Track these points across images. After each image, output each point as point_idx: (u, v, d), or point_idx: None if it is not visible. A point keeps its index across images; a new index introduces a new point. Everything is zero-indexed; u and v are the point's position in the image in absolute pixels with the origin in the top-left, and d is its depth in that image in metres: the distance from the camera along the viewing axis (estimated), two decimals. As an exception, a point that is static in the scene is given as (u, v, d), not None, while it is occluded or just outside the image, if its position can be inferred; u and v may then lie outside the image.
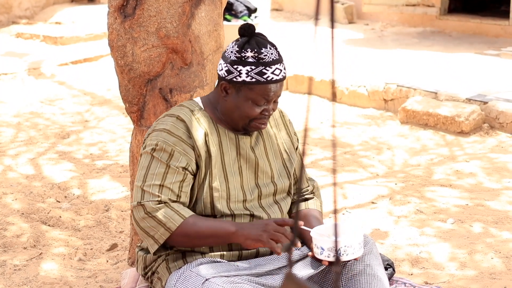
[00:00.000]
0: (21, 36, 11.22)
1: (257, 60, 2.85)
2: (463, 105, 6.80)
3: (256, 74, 2.85)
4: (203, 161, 2.89)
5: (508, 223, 4.65)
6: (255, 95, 2.87)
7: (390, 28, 11.19)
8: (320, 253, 2.85)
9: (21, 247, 4.27)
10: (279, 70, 2.88)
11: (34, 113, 7.40)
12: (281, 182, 3.06)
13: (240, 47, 2.87)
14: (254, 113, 2.90)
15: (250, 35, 2.90)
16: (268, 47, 2.88)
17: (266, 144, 3.08)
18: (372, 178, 5.55)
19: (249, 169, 3.01)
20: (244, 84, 2.86)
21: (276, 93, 2.91)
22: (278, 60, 2.89)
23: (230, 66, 2.88)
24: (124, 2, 3.59)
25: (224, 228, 2.80)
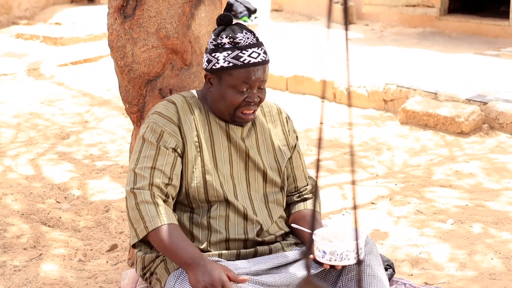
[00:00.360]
0: (21, 36, 11.23)
1: (233, 45, 2.89)
2: (463, 105, 6.80)
3: (232, 58, 2.88)
4: (192, 143, 2.91)
5: (508, 224, 4.65)
6: (235, 80, 2.89)
7: (390, 28, 11.19)
8: (321, 257, 2.85)
9: (21, 248, 4.27)
10: (256, 54, 2.90)
11: (34, 114, 7.40)
12: (271, 175, 3.07)
13: (216, 35, 2.94)
14: (237, 100, 2.91)
15: (226, 23, 2.95)
16: (244, 32, 2.93)
17: (259, 137, 3.09)
18: (372, 179, 5.55)
19: (239, 158, 3.01)
20: (223, 71, 2.89)
21: (258, 78, 2.91)
22: (255, 44, 2.91)
23: (209, 55, 2.94)
24: (124, 3, 3.59)
25: (185, 255, 2.73)
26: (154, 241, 2.81)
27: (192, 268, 2.70)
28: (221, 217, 2.98)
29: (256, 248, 2.99)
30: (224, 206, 2.97)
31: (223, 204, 2.96)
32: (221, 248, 2.96)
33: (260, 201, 3.05)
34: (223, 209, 2.97)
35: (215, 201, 2.95)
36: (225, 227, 2.98)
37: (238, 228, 2.98)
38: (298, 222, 3.11)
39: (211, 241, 2.96)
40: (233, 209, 2.97)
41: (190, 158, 2.92)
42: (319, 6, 12.22)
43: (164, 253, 2.81)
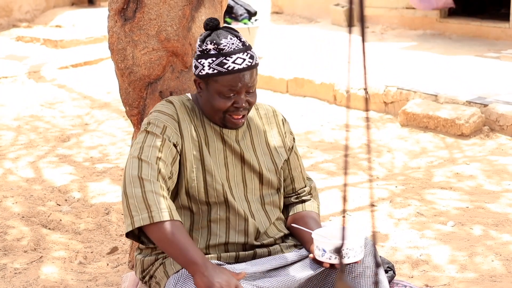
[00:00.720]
0: (21, 39, 11.24)
1: (217, 52, 2.88)
2: (463, 107, 6.80)
3: (216, 65, 2.87)
4: (191, 143, 2.91)
5: (508, 226, 4.65)
6: (221, 86, 2.88)
7: (390, 30, 11.19)
8: (321, 255, 2.85)
9: (22, 250, 4.27)
10: (241, 59, 2.87)
11: (34, 116, 7.40)
12: (268, 175, 3.06)
13: (202, 41, 2.93)
14: (224, 105, 2.90)
15: (212, 29, 2.94)
16: (229, 38, 2.89)
17: (254, 139, 3.08)
18: (372, 181, 5.55)
19: (235, 161, 3.01)
20: (209, 77, 2.89)
21: (245, 84, 2.89)
22: (240, 50, 2.88)
23: (195, 61, 2.94)
24: (124, 5, 3.59)
25: (194, 255, 2.65)
26: (157, 234, 2.68)
27: (201, 269, 2.61)
28: (221, 221, 2.97)
29: (255, 251, 2.99)
30: (224, 209, 2.96)
31: (223, 207, 2.96)
32: (220, 251, 2.96)
33: (257, 203, 3.05)
34: (224, 211, 2.96)
35: (215, 202, 2.94)
36: (225, 230, 2.97)
37: (238, 232, 2.98)
38: (296, 223, 3.11)
39: (210, 245, 2.95)
40: (234, 211, 2.97)
41: (188, 157, 2.91)
42: (319, 8, 12.23)
43: (167, 249, 2.68)
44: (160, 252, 2.98)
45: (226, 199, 2.95)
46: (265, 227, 3.03)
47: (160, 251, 2.98)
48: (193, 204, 2.95)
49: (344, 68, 8.46)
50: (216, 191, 2.93)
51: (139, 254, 3.07)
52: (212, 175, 2.93)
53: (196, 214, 2.95)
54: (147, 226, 2.68)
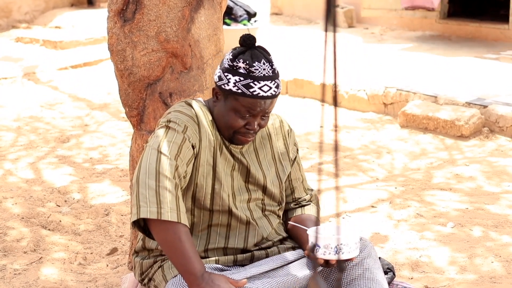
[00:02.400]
0: (20, 40, 11.23)
1: (247, 73, 2.83)
2: (463, 109, 6.80)
3: (243, 86, 2.83)
4: (207, 148, 2.88)
5: (508, 227, 4.65)
6: (240, 106, 2.85)
7: (389, 32, 11.20)
8: (316, 251, 2.85)
9: (21, 251, 4.27)
10: (268, 87, 2.85)
11: (34, 117, 7.40)
12: (271, 189, 3.06)
13: (234, 56, 2.87)
14: (238, 124, 2.88)
15: (248, 46, 2.90)
16: (262, 62, 2.85)
17: (259, 152, 3.07)
18: (372, 182, 5.55)
19: (240, 173, 3.00)
20: (230, 93, 2.85)
21: (264, 110, 2.87)
22: (269, 77, 2.85)
23: (222, 73, 2.89)
24: (123, 7, 3.59)
25: (194, 265, 2.64)
26: (163, 234, 2.65)
27: (198, 281, 2.61)
28: (222, 226, 2.97)
29: (253, 253, 2.98)
30: (226, 216, 2.95)
31: (225, 215, 2.95)
32: (219, 254, 2.96)
33: (259, 210, 3.05)
34: (225, 218, 2.96)
35: (218, 210, 2.93)
36: (225, 235, 2.97)
37: (238, 237, 2.98)
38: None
39: (209, 248, 2.95)
40: (236, 219, 2.96)
41: (202, 162, 2.88)
42: (319, 10, 12.23)
43: (169, 252, 2.66)
44: (158, 254, 2.97)
45: (229, 209, 2.94)
46: (268, 232, 3.04)
47: (158, 254, 2.97)
48: (196, 209, 2.93)
49: (343, 69, 8.46)
50: (222, 199, 2.92)
51: (137, 256, 3.07)
52: (221, 183, 2.91)
53: (196, 218, 2.95)
54: (153, 221, 2.65)
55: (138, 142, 3.74)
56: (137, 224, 2.75)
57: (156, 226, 2.66)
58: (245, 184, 3.01)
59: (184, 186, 2.83)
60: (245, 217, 2.97)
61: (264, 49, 2.94)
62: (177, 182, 2.71)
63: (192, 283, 2.63)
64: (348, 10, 11.66)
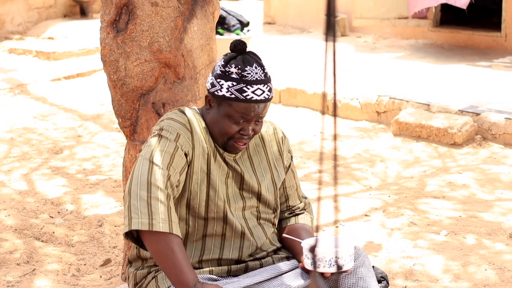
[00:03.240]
0: (13, 51, 11.23)
1: (239, 77, 2.84)
2: (456, 116, 6.82)
3: (236, 91, 2.84)
4: (200, 155, 2.88)
5: (501, 235, 4.65)
6: (234, 111, 2.85)
7: (382, 40, 11.22)
8: (310, 264, 2.85)
9: (14, 263, 4.26)
10: (261, 91, 2.86)
11: (27, 129, 7.39)
12: (266, 196, 3.05)
13: (226, 62, 2.88)
14: (232, 130, 2.88)
15: (239, 52, 2.90)
16: (254, 66, 2.86)
17: (254, 159, 3.07)
18: (365, 191, 5.55)
19: (235, 179, 3.00)
20: (224, 99, 2.85)
21: (257, 114, 2.88)
22: (262, 81, 2.86)
23: (214, 79, 2.89)
24: (116, 17, 3.60)
25: (187, 277, 2.63)
26: (155, 245, 2.65)
27: None
28: (217, 236, 2.96)
29: (247, 264, 2.98)
30: (221, 225, 2.95)
31: (220, 223, 2.94)
32: (213, 265, 2.95)
33: (253, 218, 3.04)
34: (220, 227, 2.95)
35: (213, 218, 2.93)
36: (220, 246, 2.96)
37: (233, 248, 2.97)
38: (289, 235, 3.11)
39: (203, 259, 2.95)
40: (230, 228, 2.96)
41: (196, 169, 2.88)
42: (312, 19, 12.25)
43: (161, 263, 2.66)
44: (152, 265, 2.97)
45: (225, 215, 2.93)
46: (262, 241, 3.03)
47: (152, 264, 2.96)
48: (191, 217, 2.93)
49: (337, 78, 8.47)
50: (217, 207, 2.91)
51: (130, 267, 3.06)
52: (215, 190, 2.91)
53: (191, 227, 2.94)
54: (145, 232, 2.65)
55: (131, 153, 3.74)
56: (130, 235, 2.75)
57: (148, 237, 2.66)
58: (239, 191, 3.01)
59: (177, 195, 2.83)
60: (240, 226, 2.96)
61: (255, 54, 2.94)
62: (169, 192, 2.71)
63: None
64: (341, 19, 11.68)
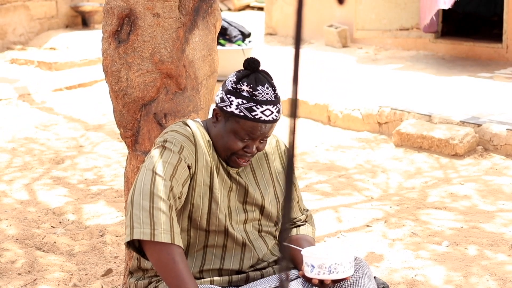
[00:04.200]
0: (15, 61, 11.24)
1: (250, 96, 2.85)
2: (457, 127, 6.82)
3: (245, 109, 2.84)
4: (204, 168, 2.88)
5: (503, 245, 4.65)
6: (240, 129, 2.86)
7: (383, 51, 11.24)
8: (310, 271, 2.85)
9: (16, 273, 4.25)
10: (270, 112, 2.87)
11: (28, 139, 7.40)
12: (269, 209, 3.06)
13: (238, 79, 2.88)
14: (236, 147, 2.88)
15: (252, 70, 2.91)
16: (266, 87, 2.88)
17: (257, 172, 3.07)
18: (367, 202, 5.55)
19: (239, 192, 3.00)
20: (232, 116, 2.86)
21: (263, 134, 2.89)
22: (272, 102, 2.88)
23: (224, 95, 2.89)
24: (118, 28, 3.60)
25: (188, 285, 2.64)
26: (157, 255, 2.66)
27: None
28: (218, 247, 2.96)
29: (248, 274, 2.98)
30: (223, 237, 2.95)
31: (221, 235, 2.94)
32: (214, 274, 2.95)
33: (254, 231, 3.04)
34: (221, 239, 2.95)
35: (214, 231, 2.93)
36: (221, 256, 2.97)
37: (234, 259, 2.97)
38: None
39: (204, 269, 2.95)
40: (232, 240, 2.96)
41: (199, 182, 2.88)
42: (313, 30, 12.27)
43: (163, 274, 2.67)
44: (153, 275, 2.97)
45: (226, 229, 2.93)
46: (263, 253, 3.03)
47: (153, 274, 2.96)
48: (192, 229, 2.93)
49: (338, 89, 8.49)
50: (219, 220, 2.91)
51: (131, 277, 3.06)
52: (217, 203, 2.91)
53: (192, 239, 2.94)
54: (147, 242, 2.66)
55: (133, 163, 3.74)
56: (132, 245, 2.75)
57: (150, 247, 2.66)
58: (242, 205, 3.01)
59: (179, 206, 2.84)
60: (241, 238, 2.96)
61: (267, 73, 2.96)
62: (171, 203, 2.72)
63: None
64: (342, 30, 11.70)
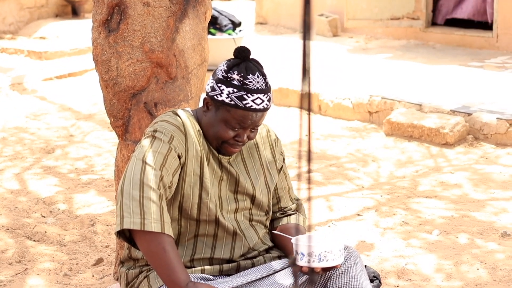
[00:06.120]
0: (5, 51, 11.20)
1: (241, 84, 2.85)
2: (448, 116, 6.83)
3: (236, 98, 2.84)
4: (194, 158, 2.88)
5: (493, 234, 4.67)
6: (231, 118, 2.86)
7: (374, 40, 11.24)
8: (300, 259, 2.85)
9: (6, 262, 4.25)
10: (260, 100, 2.87)
11: (19, 128, 7.38)
12: (260, 198, 3.06)
13: (229, 68, 2.88)
14: (227, 135, 2.88)
15: (243, 59, 2.91)
16: (256, 75, 2.87)
17: (247, 161, 3.07)
18: (357, 190, 5.56)
19: (230, 181, 3.00)
20: (223, 105, 2.86)
21: (254, 123, 2.89)
22: (262, 90, 2.88)
23: (215, 84, 2.89)
24: (108, 17, 3.59)
25: (179, 276, 2.64)
26: (147, 244, 2.65)
27: None
28: (209, 236, 2.96)
29: (239, 263, 2.98)
30: (213, 226, 2.95)
31: (212, 225, 2.95)
32: (205, 263, 2.95)
33: (245, 220, 3.05)
34: (212, 228, 2.96)
35: (205, 220, 2.93)
36: (212, 246, 2.97)
37: (225, 248, 2.97)
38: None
39: (194, 258, 2.95)
40: (223, 229, 2.96)
41: (189, 172, 2.88)
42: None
43: (153, 263, 2.66)
44: (143, 264, 2.97)
45: (217, 218, 2.94)
46: (254, 242, 3.04)
47: (144, 264, 2.96)
48: (183, 219, 2.93)
49: (329, 78, 8.49)
50: (209, 209, 2.91)
51: (122, 266, 3.06)
52: (208, 193, 2.91)
53: (183, 228, 2.94)
54: (137, 232, 2.66)
55: (123, 152, 3.73)
56: (123, 235, 2.76)
57: (140, 236, 2.66)
58: (233, 194, 3.01)
59: (169, 196, 2.84)
60: (232, 227, 2.97)
61: (258, 62, 2.95)
62: (161, 192, 2.72)
63: None
64: (333, 19, 11.69)
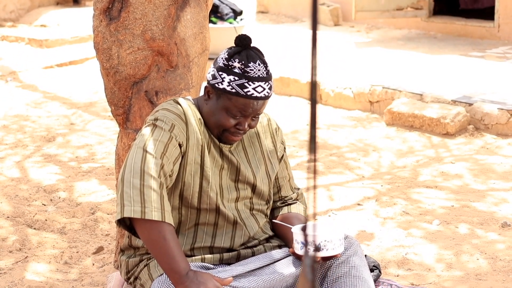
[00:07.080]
0: (6, 39, 11.19)
1: (242, 72, 2.84)
2: (449, 106, 6.82)
3: (237, 86, 2.84)
4: (195, 146, 2.88)
5: (493, 224, 4.67)
6: (232, 106, 2.86)
7: (376, 30, 11.22)
8: (300, 248, 2.86)
9: (7, 250, 4.25)
10: (261, 88, 2.87)
11: (20, 116, 7.37)
12: (261, 187, 3.06)
13: (230, 56, 2.88)
14: (228, 123, 2.88)
15: (243, 47, 2.91)
16: (257, 63, 2.87)
17: (248, 150, 3.07)
18: (358, 180, 5.56)
19: (230, 170, 3.00)
20: (224, 93, 2.86)
21: (255, 111, 2.89)
22: (263, 78, 2.87)
23: (216, 72, 2.89)
24: (109, 5, 3.59)
25: (179, 264, 2.65)
26: (147, 233, 2.66)
27: (183, 280, 2.62)
28: (209, 225, 2.97)
29: (239, 252, 2.99)
30: (214, 215, 2.96)
31: (212, 213, 2.95)
32: (205, 252, 2.96)
33: (246, 209, 3.05)
34: (212, 217, 2.96)
35: (205, 209, 2.93)
36: (212, 234, 2.97)
37: (225, 237, 2.98)
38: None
39: (195, 247, 2.95)
40: (223, 218, 2.97)
41: (190, 160, 2.88)
42: (305, 8, 12.24)
43: (154, 251, 2.68)
44: (144, 253, 2.97)
45: (217, 207, 2.94)
46: (254, 231, 3.04)
47: (144, 252, 2.97)
48: (184, 207, 2.93)
49: (330, 68, 8.48)
50: (210, 198, 2.92)
51: (123, 255, 3.06)
52: (208, 181, 2.92)
53: (184, 217, 2.95)
54: (138, 220, 2.67)
55: (124, 141, 3.73)
56: (123, 223, 2.76)
57: (141, 225, 2.67)
58: (234, 183, 3.02)
59: (170, 184, 2.84)
60: (232, 216, 2.97)
61: (259, 50, 2.96)
62: (162, 181, 2.72)
63: (177, 281, 2.63)
64: (334, 9, 11.67)
